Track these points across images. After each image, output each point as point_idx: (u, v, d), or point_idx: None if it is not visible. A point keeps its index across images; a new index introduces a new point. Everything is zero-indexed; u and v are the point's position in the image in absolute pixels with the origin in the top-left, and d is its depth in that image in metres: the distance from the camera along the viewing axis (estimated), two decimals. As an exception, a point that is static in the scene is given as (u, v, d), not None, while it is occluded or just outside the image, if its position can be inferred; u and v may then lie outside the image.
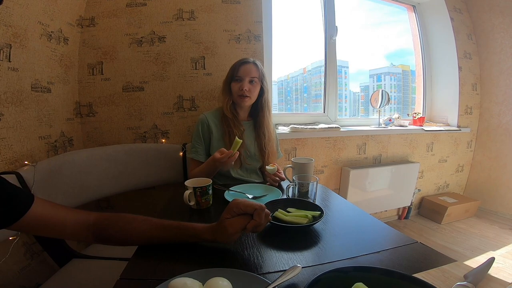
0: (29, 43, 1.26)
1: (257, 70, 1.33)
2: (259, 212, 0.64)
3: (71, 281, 0.99)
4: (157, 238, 0.68)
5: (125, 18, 1.68)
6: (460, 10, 2.67)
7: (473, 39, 2.75)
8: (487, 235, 2.32)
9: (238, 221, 0.64)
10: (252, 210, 0.64)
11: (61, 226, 0.63)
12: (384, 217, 2.62)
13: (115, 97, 1.72)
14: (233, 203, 0.66)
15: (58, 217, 0.63)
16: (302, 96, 2.67)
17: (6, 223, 0.57)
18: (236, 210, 0.65)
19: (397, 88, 2.89)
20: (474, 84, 2.76)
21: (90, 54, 1.67)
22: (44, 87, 1.37)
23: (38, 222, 0.60)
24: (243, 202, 0.66)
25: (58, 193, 1.17)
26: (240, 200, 0.66)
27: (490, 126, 2.78)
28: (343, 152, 2.29)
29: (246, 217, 0.65)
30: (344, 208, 1.06)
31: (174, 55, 1.76)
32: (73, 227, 0.65)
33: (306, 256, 0.66)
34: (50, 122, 1.42)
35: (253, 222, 0.64)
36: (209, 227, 0.67)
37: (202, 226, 0.68)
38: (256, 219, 0.64)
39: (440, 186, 2.86)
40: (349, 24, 2.47)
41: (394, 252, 0.68)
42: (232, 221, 0.64)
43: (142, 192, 1.59)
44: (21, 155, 1.20)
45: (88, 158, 1.37)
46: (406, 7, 2.77)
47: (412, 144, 2.56)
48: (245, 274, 0.53)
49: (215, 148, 1.33)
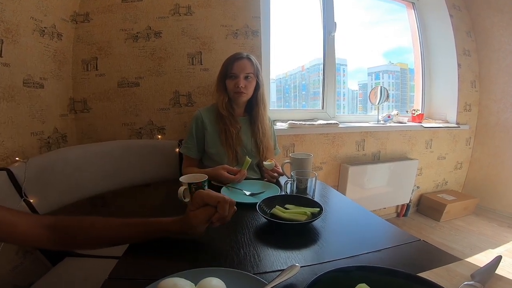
0: (21, 39, 1.24)
1: (251, 65, 1.30)
2: (223, 204, 0.63)
3: (64, 280, 0.97)
4: (122, 237, 0.66)
5: (120, 13, 1.65)
6: (459, 7, 2.65)
7: (472, 36, 2.73)
8: (485, 233, 2.31)
9: (201, 213, 0.63)
10: (214, 202, 0.63)
11: (12, 231, 0.58)
12: (382, 214, 2.60)
13: (110, 93, 1.69)
14: (197, 194, 0.65)
15: (7, 221, 0.58)
16: (301, 94, 2.66)
17: None
18: (200, 202, 0.64)
19: (395, 86, 2.87)
20: (473, 81, 2.75)
21: (85, 50, 1.64)
22: (36, 82, 1.35)
23: None
24: (206, 194, 0.65)
25: (51, 190, 1.15)
26: (204, 192, 0.66)
27: (489, 123, 2.77)
28: (342, 148, 2.27)
29: (209, 209, 0.64)
30: (344, 205, 1.04)
31: (171, 51, 1.73)
32: (26, 232, 0.59)
33: (305, 255, 0.64)
34: (43, 118, 1.39)
35: (217, 215, 0.63)
36: (176, 220, 0.66)
37: (169, 219, 0.67)
38: (220, 212, 0.63)
39: (438, 183, 2.85)
40: (348, 22, 2.44)
41: (396, 251, 0.66)
42: (196, 212, 0.63)
43: (138, 189, 1.56)
44: (12, 151, 1.18)
45: (82, 154, 1.34)
46: (405, 4, 2.75)
47: (411, 141, 2.55)
48: (241, 274, 0.51)
49: (209, 144, 1.31)
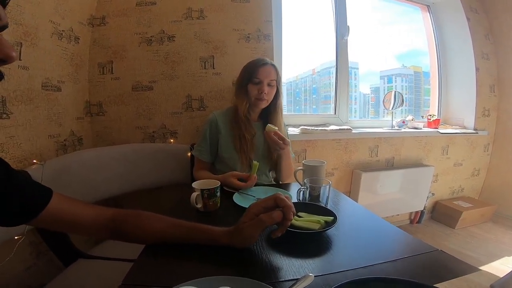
0: (40, 42, 1.26)
1: (275, 72, 1.29)
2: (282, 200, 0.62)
3: (76, 282, 0.98)
4: (174, 237, 0.66)
5: (135, 17, 1.68)
6: (476, 10, 2.58)
7: (491, 39, 2.66)
8: (503, 240, 2.24)
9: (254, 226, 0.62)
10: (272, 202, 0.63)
11: (78, 222, 0.62)
12: (395, 221, 2.54)
13: (125, 96, 1.72)
14: (252, 205, 0.64)
15: (75, 213, 0.62)
16: (311, 98, 2.64)
17: (24, 219, 0.56)
18: (256, 211, 0.63)
19: (408, 90, 2.82)
20: (492, 86, 2.67)
21: (101, 53, 1.67)
22: (54, 86, 1.38)
23: (55, 217, 0.59)
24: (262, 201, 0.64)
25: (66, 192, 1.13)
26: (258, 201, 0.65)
27: (508, 129, 2.67)
28: (355, 154, 2.24)
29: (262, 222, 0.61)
30: (357, 212, 1.01)
31: (183, 54, 1.74)
32: (90, 223, 0.64)
33: (318, 264, 0.62)
34: (60, 121, 1.42)
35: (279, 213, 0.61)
36: (226, 232, 0.65)
37: (220, 230, 0.66)
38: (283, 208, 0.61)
39: (454, 190, 2.77)
40: (359, 24, 2.41)
41: (412, 261, 0.64)
42: (250, 223, 0.62)
43: (150, 192, 1.57)
44: (30, 153, 1.21)
45: (97, 157, 1.36)
46: (420, 7, 2.70)
47: (426, 147, 2.49)
48: (253, 283, 0.50)
49: (223, 148, 1.31)
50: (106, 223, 0.65)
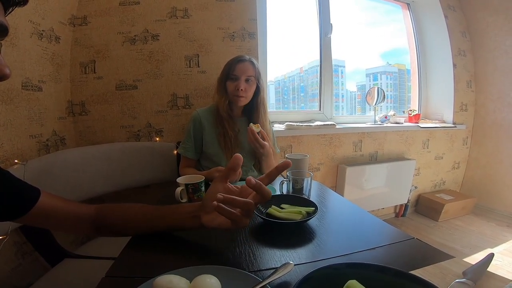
0: (19, 42, 1.24)
1: (253, 68, 1.30)
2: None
3: (62, 281, 0.98)
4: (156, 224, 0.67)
5: (118, 16, 1.67)
6: (454, 8, 2.67)
7: (467, 36, 2.76)
8: (484, 232, 2.32)
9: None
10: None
11: (64, 219, 0.63)
12: (381, 214, 2.61)
13: (108, 95, 1.70)
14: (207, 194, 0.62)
15: (61, 210, 0.62)
16: (299, 96, 2.66)
17: (12, 216, 0.56)
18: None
19: (393, 87, 2.89)
20: (469, 81, 2.77)
21: (83, 53, 1.65)
22: (35, 85, 1.35)
23: (43, 215, 0.60)
24: None
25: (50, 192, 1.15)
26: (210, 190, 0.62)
27: (485, 123, 2.79)
28: (339, 149, 2.28)
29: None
30: (340, 204, 1.05)
31: (168, 53, 1.74)
32: (75, 220, 0.64)
33: (300, 253, 0.64)
34: (41, 121, 1.39)
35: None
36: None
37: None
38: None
39: (436, 183, 2.86)
40: (345, 23, 2.47)
41: (390, 249, 0.67)
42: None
43: (136, 190, 1.57)
44: (11, 154, 1.19)
45: (81, 157, 1.35)
46: (400, 5, 2.77)
47: (408, 141, 2.56)
48: (235, 271, 0.52)
49: (208, 145, 1.32)
50: (90, 219, 0.66)
